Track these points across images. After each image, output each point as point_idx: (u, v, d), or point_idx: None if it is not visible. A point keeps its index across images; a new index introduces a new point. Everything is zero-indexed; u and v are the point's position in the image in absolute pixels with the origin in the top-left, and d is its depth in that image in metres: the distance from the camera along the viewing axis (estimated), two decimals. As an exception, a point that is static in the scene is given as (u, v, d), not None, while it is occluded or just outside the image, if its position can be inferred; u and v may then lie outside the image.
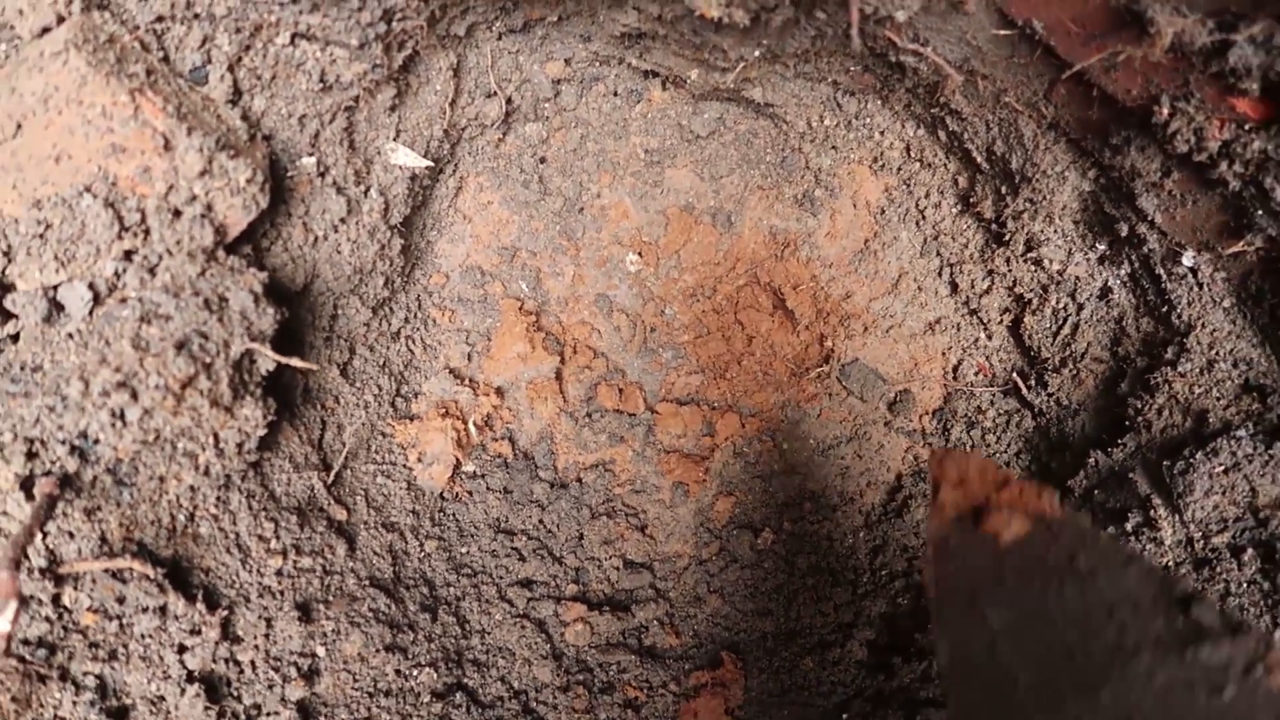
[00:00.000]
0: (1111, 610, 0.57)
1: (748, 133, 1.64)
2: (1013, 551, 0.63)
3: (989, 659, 0.59)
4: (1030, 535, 0.64)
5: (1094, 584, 0.59)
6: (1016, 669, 0.57)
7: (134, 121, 1.01)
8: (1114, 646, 0.55)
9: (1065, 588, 0.59)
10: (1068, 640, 0.57)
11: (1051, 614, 0.58)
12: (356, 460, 1.43)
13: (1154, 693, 0.52)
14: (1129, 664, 0.54)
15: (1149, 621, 0.56)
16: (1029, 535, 0.64)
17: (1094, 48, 1.12)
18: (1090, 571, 0.59)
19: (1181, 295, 1.33)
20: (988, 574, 0.63)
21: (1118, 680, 0.53)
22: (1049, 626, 0.58)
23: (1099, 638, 0.56)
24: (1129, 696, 0.53)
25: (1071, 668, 0.55)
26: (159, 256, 1.05)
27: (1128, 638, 0.55)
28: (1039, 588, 0.60)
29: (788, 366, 1.68)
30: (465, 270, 1.62)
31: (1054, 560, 0.61)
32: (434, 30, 1.32)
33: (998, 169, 1.50)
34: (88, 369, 0.97)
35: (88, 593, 1.01)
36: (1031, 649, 0.58)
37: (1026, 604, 0.60)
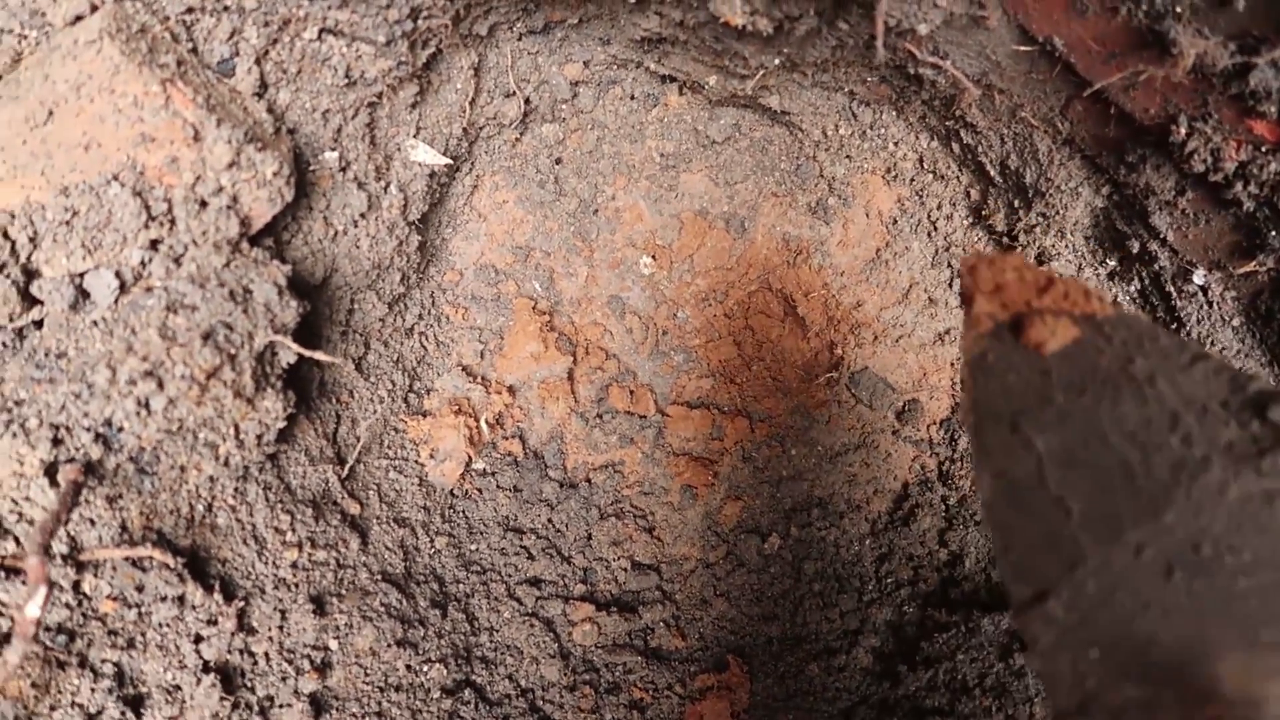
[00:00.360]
0: (1175, 419, 0.50)
1: (763, 139, 1.65)
2: (1060, 362, 0.56)
3: (1037, 489, 0.52)
4: (1079, 341, 0.56)
5: (1154, 390, 0.52)
6: (1069, 497, 0.51)
7: (164, 112, 1.01)
8: (1179, 461, 0.48)
9: (1121, 398, 0.53)
10: (1126, 459, 0.50)
11: (1106, 430, 0.51)
12: (370, 455, 1.43)
13: (1227, 510, 0.46)
14: (1197, 480, 0.47)
15: (1219, 428, 0.49)
16: (1078, 342, 0.56)
17: (1114, 66, 1.14)
18: (1149, 377, 0.53)
19: (1191, 313, 1.35)
20: (1032, 392, 0.55)
21: (1184, 500, 0.47)
22: (1104, 445, 0.51)
23: (1162, 452, 0.49)
24: (1198, 518, 0.46)
25: (1131, 490, 0.49)
26: (185, 247, 1.06)
27: (1195, 449, 0.49)
28: (1091, 401, 0.53)
29: (797, 373, 1.69)
30: (479, 268, 1.63)
31: (1107, 368, 0.54)
32: (458, 29, 1.33)
33: (1011, 183, 1.52)
34: (114, 357, 0.97)
35: (108, 580, 1.01)
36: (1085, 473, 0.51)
37: (1078, 421, 0.53)
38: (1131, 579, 0.47)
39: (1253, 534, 0.45)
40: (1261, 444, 0.47)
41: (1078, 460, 0.52)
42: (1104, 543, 0.48)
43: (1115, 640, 0.46)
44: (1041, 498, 0.52)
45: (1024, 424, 0.55)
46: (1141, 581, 0.46)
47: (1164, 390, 0.52)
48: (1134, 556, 0.47)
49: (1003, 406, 0.57)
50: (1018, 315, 0.60)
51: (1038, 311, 0.59)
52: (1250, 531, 0.45)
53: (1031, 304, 0.60)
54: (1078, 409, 0.53)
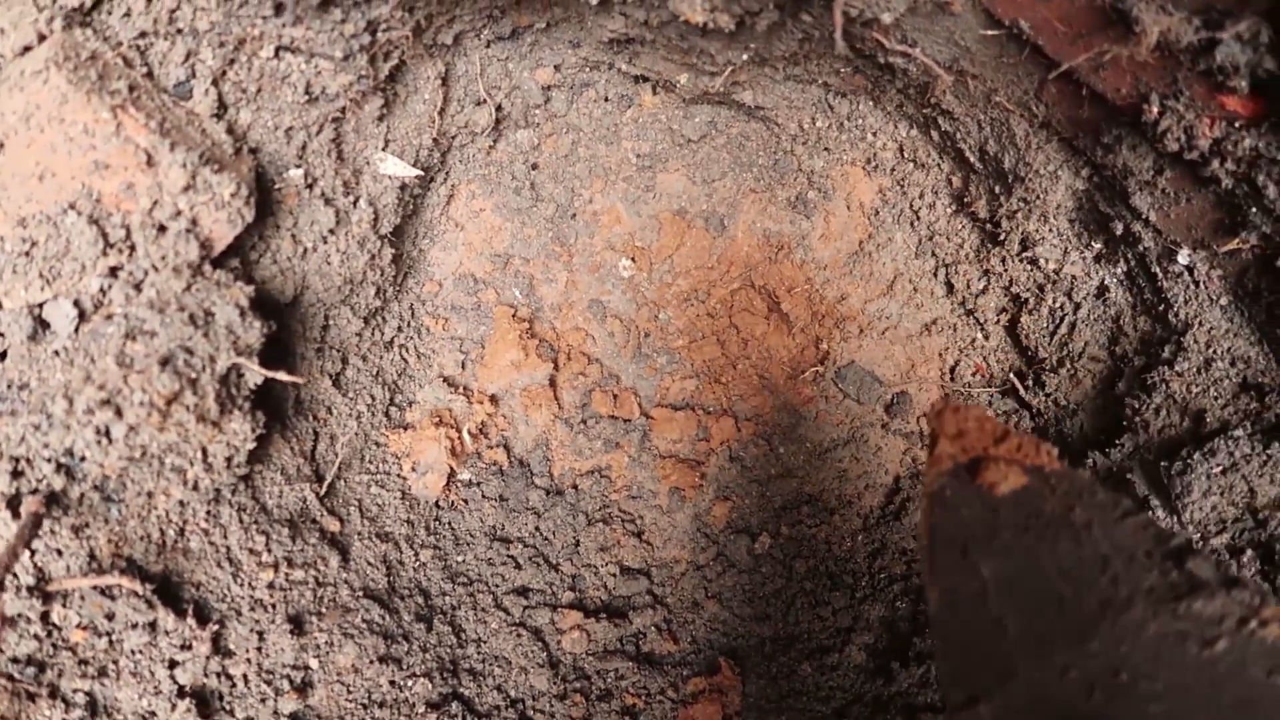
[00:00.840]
0: (1106, 562, 0.57)
1: (739, 136, 1.64)
2: (1008, 503, 0.63)
3: (980, 608, 0.59)
4: (1027, 488, 0.63)
5: (1089, 536, 0.59)
6: (1007, 618, 0.57)
7: (116, 138, 1.01)
8: (1106, 598, 0.55)
9: (1060, 540, 0.59)
10: (1060, 591, 0.57)
11: (1044, 566, 0.58)
12: (350, 471, 1.43)
13: (1145, 644, 0.52)
14: (1121, 615, 0.54)
15: (1143, 574, 0.55)
16: (1025, 488, 0.63)
17: (1081, 47, 1.11)
18: (1086, 524, 0.59)
19: (1178, 293, 1.32)
20: (982, 525, 0.62)
21: (1108, 631, 0.53)
22: (1041, 578, 0.58)
23: (1091, 589, 0.56)
24: (1119, 647, 0.53)
25: (1062, 618, 0.55)
26: (144, 272, 1.05)
27: (1121, 590, 0.55)
28: (1033, 539, 0.60)
29: (783, 370, 1.67)
30: (458, 278, 1.62)
31: (1050, 513, 0.61)
32: (420, 40, 1.32)
33: (991, 169, 1.49)
34: (72, 386, 0.97)
35: (76, 609, 1.01)
36: (1023, 599, 0.58)
37: (1020, 555, 0.59)
38: (1056, 694, 0.53)
39: (1166, 667, 0.52)
40: (1178, 590, 0.54)
41: (1017, 588, 0.58)
42: (1034, 660, 0.55)
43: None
44: (983, 616, 0.58)
45: (973, 551, 0.61)
46: (1065, 698, 0.53)
47: (1098, 537, 0.59)
48: (1060, 675, 0.53)
49: (955, 534, 0.64)
50: (976, 458, 0.67)
51: (993, 458, 0.66)
52: (1164, 664, 0.52)
53: (988, 450, 0.68)
54: (1021, 545, 0.60)
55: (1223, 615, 0.52)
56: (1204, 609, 0.53)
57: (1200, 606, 0.53)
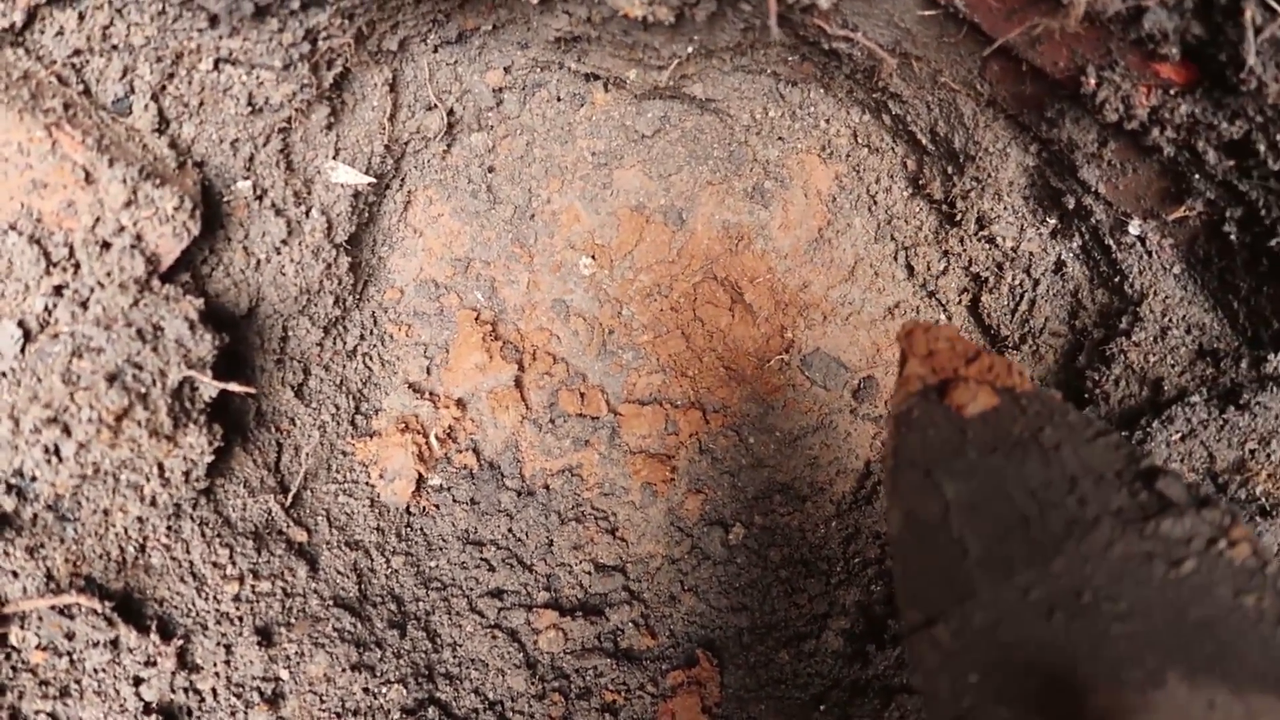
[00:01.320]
0: (1074, 483, 0.56)
1: (693, 129, 1.64)
2: (977, 424, 0.61)
3: (941, 529, 0.57)
4: (997, 409, 0.62)
5: (1058, 456, 0.58)
6: (968, 539, 0.56)
7: (52, 156, 1.01)
8: (1072, 519, 0.54)
9: (1027, 460, 0.58)
10: (1025, 512, 0.55)
11: (1010, 486, 0.57)
12: (317, 481, 1.43)
13: (1110, 564, 0.51)
14: (1086, 536, 0.53)
15: (1111, 494, 0.54)
16: (995, 409, 0.62)
17: (1015, 22, 1.12)
18: (1055, 445, 0.58)
19: (1132, 264, 1.33)
20: (948, 446, 0.61)
21: (1072, 552, 0.52)
22: (1006, 499, 0.57)
23: (1057, 510, 0.55)
24: (1084, 568, 0.51)
25: (1026, 539, 0.54)
26: (90, 289, 1.05)
27: (1088, 510, 0.54)
28: (1000, 460, 0.59)
29: (749, 360, 1.67)
30: (419, 284, 1.62)
31: (1019, 433, 0.60)
32: (363, 47, 1.32)
33: (943, 149, 1.50)
34: (19, 406, 0.96)
35: (35, 630, 1.01)
36: (986, 520, 0.56)
37: (985, 476, 0.58)
38: (1016, 615, 0.52)
39: (1130, 587, 0.51)
40: (1147, 511, 0.53)
41: (980, 509, 0.57)
42: (995, 581, 0.53)
43: (993, 667, 0.51)
44: (944, 537, 0.57)
45: (937, 472, 0.60)
46: (1024, 618, 0.51)
47: (1067, 458, 0.58)
48: (1021, 596, 0.52)
49: (920, 455, 0.62)
50: (945, 380, 0.66)
51: (963, 378, 0.65)
52: (1128, 585, 0.51)
53: (959, 371, 0.66)
54: (987, 465, 0.59)
55: (1191, 535, 0.51)
56: (1172, 529, 0.51)
57: (1169, 526, 0.52)
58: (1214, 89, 1.01)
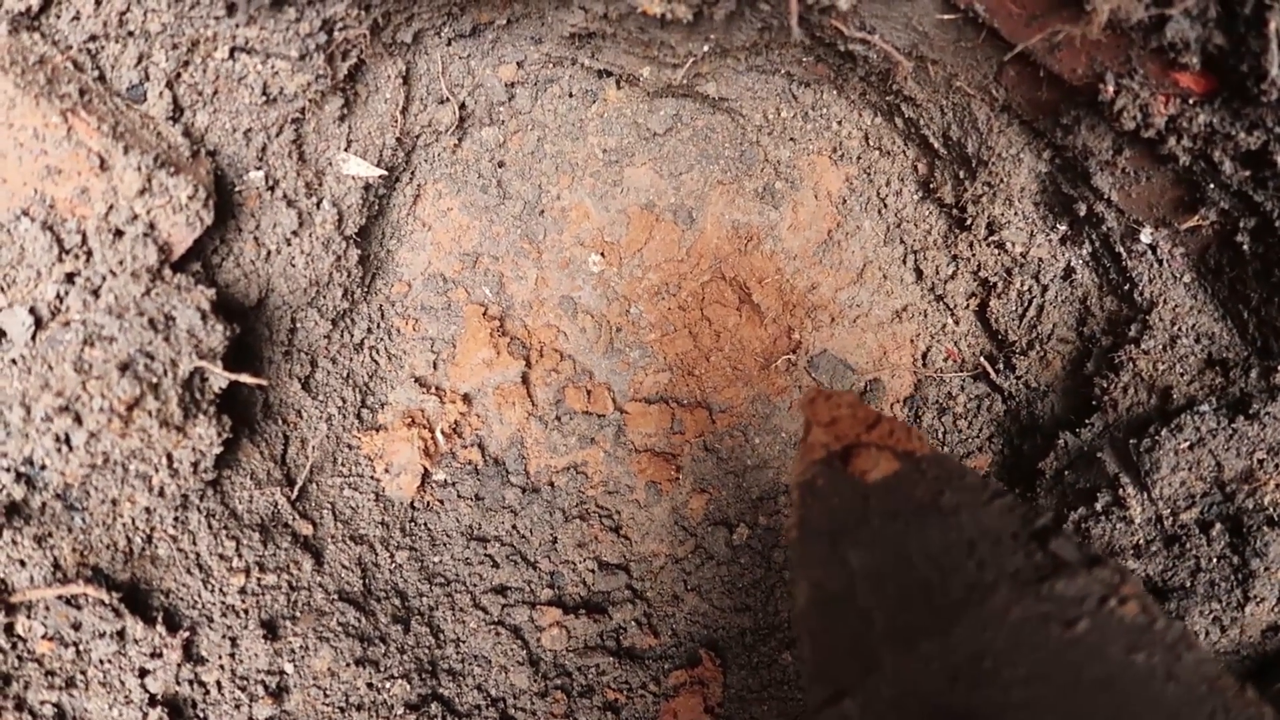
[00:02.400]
0: (972, 547, 0.57)
1: (705, 128, 1.64)
2: (879, 491, 0.62)
3: (847, 600, 0.57)
4: (898, 474, 0.63)
5: (957, 521, 0.59)
6: (874, 610, 0.56)
7: (68, 142, 1.00)
8: (972, 583, 0.55)
9: (928, 526, 0.59)
10: (927, 579, 0.56)
11: (913, 553, 0.58)
12: (322, 474, 1.42)
13: (1008, 629, 0.52)
14: (985, 601, 0.54)
15: (1008, 557, 0.55)
16: (896, 474, 0.63)
17: (1035, 28, 1.12)
18: (954, 509, 0.59)
19: (1142, 272, 1.33)
20: (852, 515, 0.61)
21: (972, 618, 0.53)
22: (909, 566, 0.57)
23: (958, 575, 0.56)
24: (983, 634, 0.52)
25: (928, 607, 0.55)
26: (102, 277, 1.04)
27: (986, 574, 0.55)
28: (902, 526, 0.59)
29: (756, 361, 1.67)
30: (427, 278, 1.62)
31: (919, 498, 0.61)
32: (378, 38, 1.31)
33: (955, 154, 1.50)
34: (29, 394, 0.96)
35: (41, 620, 1.00)
36: (890, 589, 0.57)
37: (889, 543, 0.59)
38: (920, 686, 0.52)
39: (1028, 651, 0.52)
40: (1041, 571, 0.54)
41: (885, 578, 0.58)
42: (899, 653, 0.54)
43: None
44: (849, 609, 0.57)
45: (842, 542, 0.60)
46: (929, 689, 0.52)
47: (965, 521, 0.59)
48: (924, 666, 0.53)
49: (825, 525, 0.63)
50: (848, 446, 0.66)
51: (865, 444, 0.66)
52: (1026, 649, 0.51)
53: (860, 437, 0.67)
54: (890, 533, 0.60)
55: (1084, 595, 0.52)
56: (1066, 589, 0.53)
57: (1063, 587, 0.53)
58: (1233, 99, 1.01)
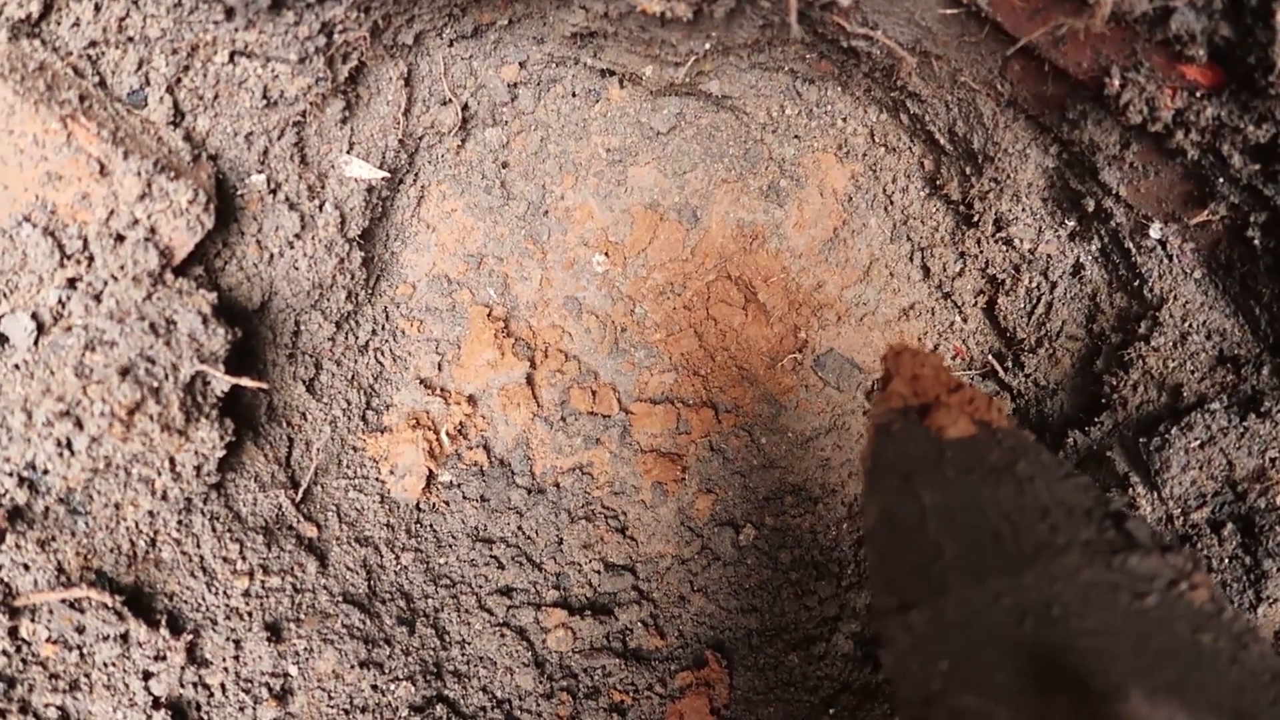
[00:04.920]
0: (1045, 512, 0.59)
1: (709, 126, 1.63)
2: (954, 448, 0.64)
3: (917, 529, 0.60)
4: (974, 438, 0.65)
5: (1031, 487, 0.60)
6: (944, 542, 0.59)
7: (68, 148, 1.00)
8: (1043, 542, 0.57)
9: (1001, 486, 0.61)
10: (998, 529, 0.58)
11: (985, 506, 0.60)
12: (327, 476, 1.42)
13: (1078, 587, 0.54)
14: (1056, 559, 0.55)
15: (1081, 527, 0.57)
16: (972, 438, 0.65)
17: (1039, 21, 1.10)
18: (1029, 478, 0.61)
19: (1152, 268, 1.31)
20: (927, 460, 0.64)
21: (1043, 569, 0.55)
22: (981, 515, 0.59)
23: (1029, 532, 0.58)
24: (1052, 585, 0.54)
25: (998, 551, 0.57)
26: (103, 282, 1.05)
27: (1058, 538, 0.57)
28: (976, 481, 0.61)
29: (762, 360, 1.66)
30: (432, 279, 1.62)
31: (994, 462, 0.62)
32: (379, 40, 1.31)
33: (961, 150, 1.48)
34: (31, 399, 0.96)
35: (45, 624, 1.01)
36: (960, 528, 0.59)
37: (962, 492, 0.61)
38: (988, 615, 0.54)
39: (1097, 609, 0.53)
40: (1115, 546, 0.56)
41: (956, 519, 0.60)
42: (968, 583, 0.56)
43: (964, 658, 0.53)
44: (919, 537, 0.60)
45: (915, 479, 0.63)
46: (996, 620, 0.54)
47: (1040, 490, 0.61)
48: (993, 600, 0.55)
49: (899, 463, 0.65)
50: (926, 403, 0.68)
51: (945, 404, 0.68)
52: (1095, 608, 0.53)
53: (940, 398, 0.69)
54: (964, 483, 0.62)
55: (1154, 574, 0.54)
56: (1138, 565, 0.54)
57: (1135, 563, 0.54)
58: (1241, 92, 1.00)
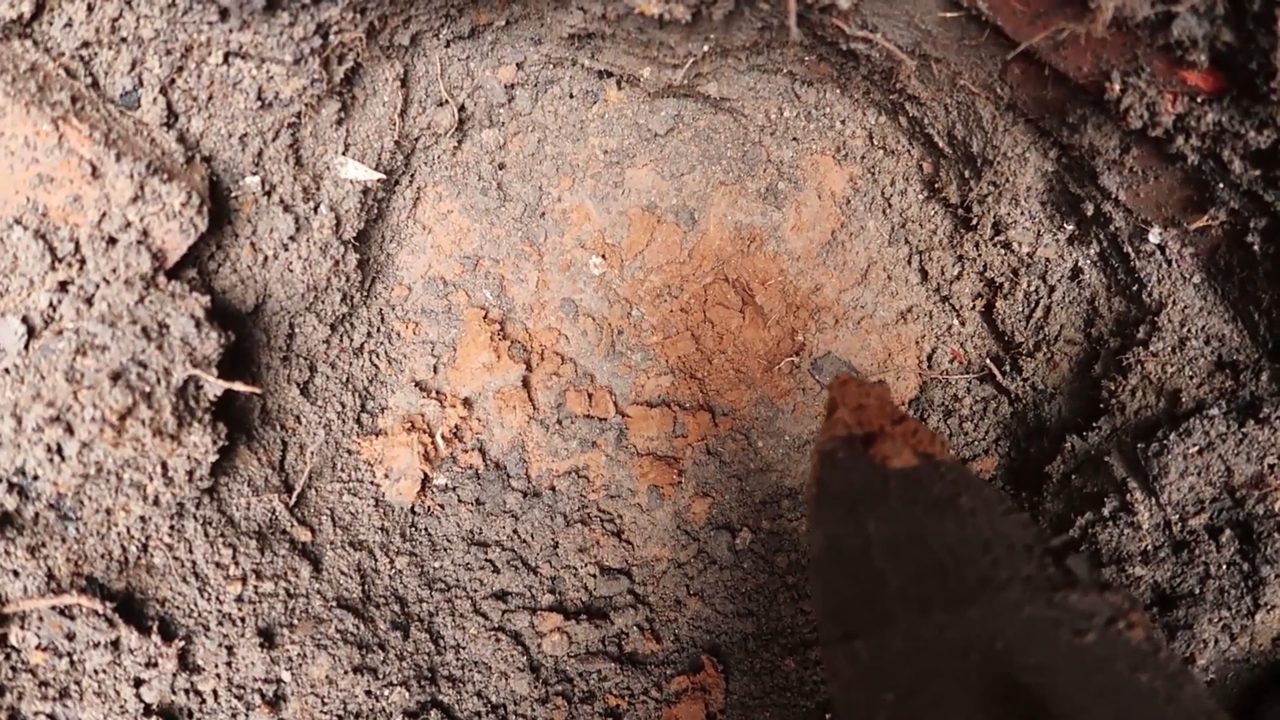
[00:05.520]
0: (988, 546, 0.59)
1: (707, 128, 1.62)
2: (898, 477, 0.65)
3: (862, 557, 0.60)
4: (917, 469, 0.65)
5: (974, 521, 0.61)
6: (888, 573, 0.59)
7: (59, 150, 0.99)
8: (986, 576, 0.57)
9: (945, 519, 0.61)
10: (942, 562, 0.59)
11: (928, 537, 0.60)
12: (321, 480, 1.41)
13: (1021, 622, 0.54)
14: (999, 594, 0.56)
15: (1022, 562, 0.58)
16: (916, 469, 0.65)
17: (1039, 25, 1.10)
18: (971, 510, 0.62)
19: (1151, 273, 1.31)
20: (871, 490, 0.64)
21: (986, 604, 0.56)
22: (925, 547, 0.60)
23: (972, 565, 0.58)
24: (996, 619, 0.55)
25: (943, 585, 0.57)
26: (95, 286, 1.04)
27: (1000, 572, 0.57)
28: (920, 513, 0.62)
29: (759, 363, 1.65)
30: (428, 281, 1.61)
31: (937, 494, 0.63)
32: (375, 41, 1.30)
33: (960, 153, 1.48)
34: (21, 404, 0.95)
35: (35, 631, 1.00)
36: (905, 560, 0.59)
37: (905, 523, 0.61)
38: (932, 649, 0.55)
39: (1039, 645, 0.53)
40: (1055, 583, 0.56)
41: (900, 550, 0.60)
42: (912, 615, 0.56)
43: (909, 691, 0.53)
44: (864, 566, 0.60)
45: (860, 507, 0.63)
46: (941, 654, 0.54)
47: (982, 523, 0.61)
48: (937, 632, 0.55)
49: (844, 491, 0.66)
50: (871, 433, 0.69)
51: (889, 434, 0.68)
52: (1037, 644, 0.54)
53: (884, 428, 0.69)
54: (908, 514, 0.62)
55: (1093, 612, 0.55)
56: (1077, 602, 0.55)
57: (1075, 600, 0.55)
58: (1242, 97, 0.99)
